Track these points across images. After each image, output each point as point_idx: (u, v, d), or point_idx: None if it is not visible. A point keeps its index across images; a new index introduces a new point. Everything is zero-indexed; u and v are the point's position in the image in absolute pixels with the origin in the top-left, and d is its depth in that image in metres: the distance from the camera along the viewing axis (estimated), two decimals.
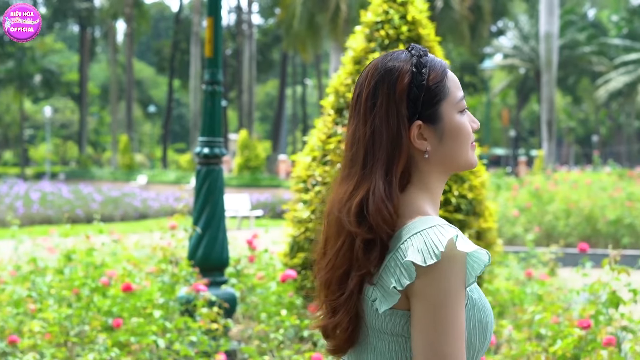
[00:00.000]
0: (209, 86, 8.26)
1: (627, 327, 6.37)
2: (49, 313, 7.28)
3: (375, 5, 8.64)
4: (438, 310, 2.08)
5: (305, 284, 8.15)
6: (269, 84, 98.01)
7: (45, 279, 9.01)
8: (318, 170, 8.21)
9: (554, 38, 32.94)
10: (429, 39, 8.55)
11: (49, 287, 8.52)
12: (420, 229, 2.14)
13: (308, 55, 48.35)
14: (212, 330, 7.09)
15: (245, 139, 46.35)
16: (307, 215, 8.13)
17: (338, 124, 8.35)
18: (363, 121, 2.28)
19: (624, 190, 20.29)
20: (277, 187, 39.86)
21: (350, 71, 8.49)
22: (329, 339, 2.33)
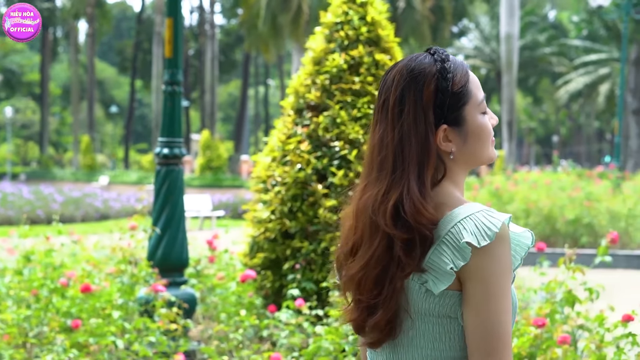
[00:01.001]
0: (168, 87, 8.25)
1: (583, 326, 6.43)
2: (7, 314, 7.25)
3: (334, 6, 8.67)
4: (491, 290, 2.20)
5: (264, 284, 8.16)
6: (231, 84, 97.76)
7: (4, 280, 8.96)
8: (278, 171, 8.23)
9: (515, 39, 33.13)
10: (389, 39, 8.59)
11: (7, 288, 8.48)
12: (468, 213, 2.25)
13: (270, 55, 48.30)
14: (171, 330, 7.08)
15: (208, 139, 46.23)
16: (267, 216, 8.14)
17: (298, 124, 8.37)
18: (391, 127, 2.35)
19: (583, 190, 20.45)
20: (239, 188, 39.79)
21: (310, 72, 8.51)
22: (363, 334, 2.39)
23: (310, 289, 7.78)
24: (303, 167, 8.07)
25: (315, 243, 7.91)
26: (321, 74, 8.41)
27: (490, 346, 2.20)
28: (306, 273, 7.88)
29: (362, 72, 8.33)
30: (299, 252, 7.98)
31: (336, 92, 8.28)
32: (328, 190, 7.99)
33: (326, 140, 8.15)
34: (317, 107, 8.35)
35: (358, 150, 8.01)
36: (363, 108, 8.16)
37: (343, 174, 7.95)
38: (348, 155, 8.00)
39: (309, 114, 8.35)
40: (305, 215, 8.00)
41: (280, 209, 8.08)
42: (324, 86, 8.36)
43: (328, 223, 7.88)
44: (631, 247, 18.39)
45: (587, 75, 62.61)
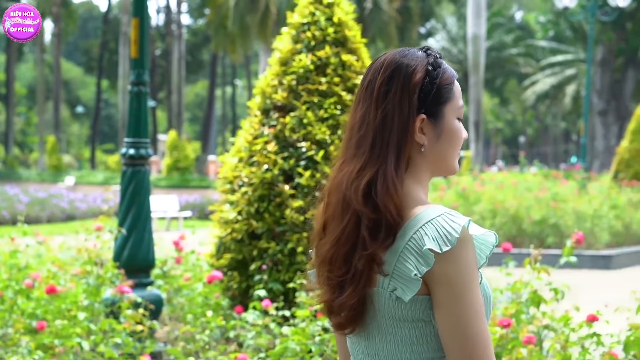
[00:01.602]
0: (134, 87, 8.22)
1: (548, 326, 6.47)
2: None
3: (301, 6, 8.68)
4: (459, 293, 2.21)
5: (231, 285, 8.15)
6: (198, 84, 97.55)
7: None
8: (244, 171, 8.22)
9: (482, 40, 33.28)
10: (355, 40, 8.60)
11: None
12: (430, 217, 2.24)
13: (238, 56, 48.25)
14: (138, 332, 7.06)
15: (175, 140, 46.11)
16: (234, 217, 8.13)
17: (264, 125, 8.36)
18: (375, 106, 2.36)
19: (549, 190, 20.57)
20: (206, 188, 39.71)
21: (277, 72, 8.51)
22: (332, 315, 2.39)
23: (277, 289, 7.78)
24: (270, 167, 8.06)
25: (282, 244, 7.91)
26: (288, 75, 8.41)
27: (469, 350, 2.21)
28: (273, 274, 7.88)
29: (329, 73, 8.33)
30: (266, 253, 7.97)
31: (303, 93, 8.28)
32: (295, 191, 7.99)
33: (293, 140, 8.15)
34: (283, 108, 8.35)
35: (325, 151, 8.02)
36: (330, 109, 8.17)
37: (310, 174, 7.95)
38: (315, 156, 8.00)
39: (275, 114, 8.34)
40: (272, 216, 8.00)
41: (247, 210, 8.07)
42: (290, 87, 8.35)
43: (295, 224, 7.88)
44: (596, 248, 18.51)
45: (553, 76, 62.96)
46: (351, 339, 2.46)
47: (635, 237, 19.93)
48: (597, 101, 48.55)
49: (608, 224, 18.97)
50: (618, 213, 19.68)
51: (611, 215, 19.33)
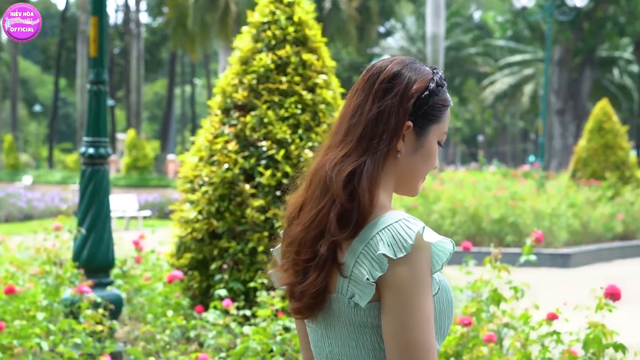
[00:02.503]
0: (93, 86, 8.18)
1: (508, 324, 6.50)
2: None
3: (262, 5, 8.67)
4: (407, 298, 2.21)
5: (192, 285, 8.12)
6: (157, 83, 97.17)
7: None
8: (205, 171, 8.20)
9: (440, 39, 33.37)
10: (316, 39, 8.61)
11: None
12: (387, 223, 2.26)
13: (197, 54, 48.13)
14: (97, 332, 7.02)
15: (133, 139, 45.88)
16: (194, 216, 8.11)
17: (225, 124, 8.35)
18: (373, 99, 2.39)
19: (508, 189, 20.68)
20: (165, 187, 39.52)
21: (238, 71, 8.50)
22: (293, 300, 2.40)
23: (238, 289, 7.77)
24: (230, 167, 8.05)
25: (243, 243, 7.90)
26: (248, 74, 8.40)
27: (408, 359, 2.21)
28: (233, 273, 7.87)
29: (290, 72, 8.33)
30: (227, 252, 7.95)
31: (263, 92, 8.27)
32: (255, 190, 7.98)
33: (253, 140, 8.14)
34: (244, 107, 8.34)
35: (285, 150, 8.01)
36: (290, 108, 8.16)
37: (270, 173, 7.94)
38: (275, 155, 7.99)
39: (236, 113, 8.33)
40: (232, 215, 7.98)
41: (208, 209, 8.05)
42: (251, 86, 8.34)
43: (255, 223, 7.87)
44: (555, 246, 18.63)
45: (511, 75, 63.32)
46: (313, 336, 2.46)
47: (593, 236, 20.08)
48: (555, 100, 48.88)
49: (566, 222, 19.10)
50: (576, 212, 19.82)
51: (569, 214, 19.47)
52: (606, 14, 51.23)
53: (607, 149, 23.32)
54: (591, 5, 47.84)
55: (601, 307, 5.38)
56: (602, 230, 20.21)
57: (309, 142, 8.12)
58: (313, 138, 8.14)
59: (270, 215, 7.88)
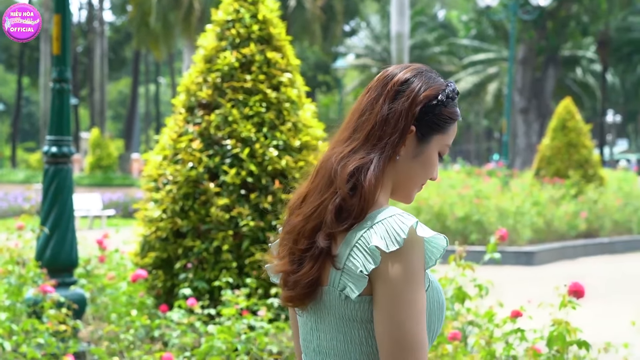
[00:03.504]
0: (56, 84, 8.12)
1: (472, 322, 6.52)
2: None
3: (226, 4, 8.65)
4: (399, 292, 2.24)
5: (156, 284, 8.09)
6: (121, 82, 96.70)
7: None
8: (169, 169, 8.17)
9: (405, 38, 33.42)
10: (280, 38, 8.60)
11: None
12: (381, 218, 2.31)
13: (161, 53, 47.95)
14: (61, 331, 6.97)
15: (97, 138, 45.65)
16: (158, 215, 8.08)
17: (189, 122, 8.32)
18: (384, 99, 2.44)
19: (472, 187, 20.76)
20: (130, 186, 39.36)
21: (202, 70, 8.48)
22: (286, 288, 2.43)
23: (203, 288, 7.75)
24: (195, 165, 8.02)
25: (207, 242, 7.87)
26: (212, 72, 8.37)
27: (399, 353, 2.24)
28: (198, 272, 7.84)
29: (254, 71, 8.32)
30: (191, 251, 7.93)
31: (228, 90, 8.25)
32: (220, 189, 7.96)
33: (218, 138, 8.12)
34: (208, 105, 8.31)
35: (250, 149, 8.00)
36: (255, 106, 8.15)
37: (235, 172, 7.93)
38: (240, 153, 7.98)
39: (200, 112, 8.30)
40: (197, 214, 7.96)
41: (172, 208, 8.02)
42: (215, 84, 8.32)
43: (220, 222, 7.85)
44: (519, 244, 18.72)
45: (476, 74, 63.55)
46: (303, 329, 2.49)
47: (556, 234, 20.20)
48: (519, 99, 49.12)
49: (530, 220, 19.20)
50: (540, 210, 19.92)
51: (533, 212, 19.57)
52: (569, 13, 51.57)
53: (571, 148, 23.46)
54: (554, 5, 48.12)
55: (565, 304, 5.40)
56: (565, 228, 20.33)
57: (273, 140, 8.11)
58: (278, 136, 8.13)
59: (235, 214, 7.86)
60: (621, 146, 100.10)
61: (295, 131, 8.30)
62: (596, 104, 67.64)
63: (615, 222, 21.72)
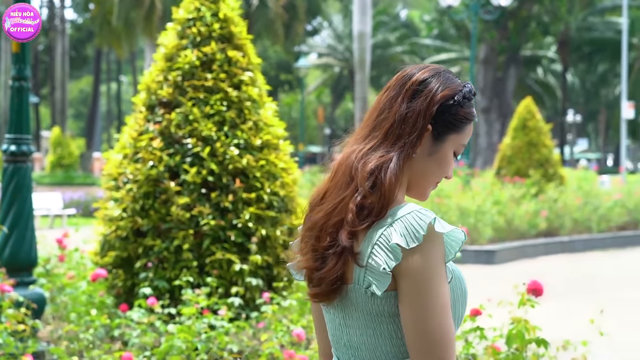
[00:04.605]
0: (15, 82, 8.07)
1: None
2: None
3: (187, 2, 8.63)
4: (422, 286, 2.30)
5: (116, 283, 8.06)
6: (83, 80, 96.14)
7: None
8: (129, 168, 8.13)
9: (367, 37, 33.48)
10: (241, 36, 8.59)
11: None
12: (400, 215, 2.35)
13: (123, 51, 47.80)
14: (19, 331, 6.92)
15: (58, 137, 45.36)
16: (118, 214, 8.04)
17: (150, 121, 8.30)
18: (403, 97, 2.49)
19: None
20: (91, 185, 39.14)
21: (162, 68, 8.45)
22: (311, 285, 2.48)
23: (163, 287, 7.72)
24: (155, 164, 7.99)
25: (168, 241, 7.85)
26: (173, 71, 8.35)
27: (427, 346, 2.30)
28: (158, 271, 7.82)
29: (215, 69, 8.30)
30: (151, 250, 7.90)
31: (188, 89, 8.23)
32: (180, 188, 7.94)
33: (178, 137, 8.10)
34: (169, 104, 8.29)
35: (211, 148, 7.98)
36: (216, 105, 8.13)
37: (196, 171, 7.91)
38: (201, 152, 7.96)
39: (161, 110, 8.27)
40: (157, 213, 7.94)
41: (132, 207, 7.99)
42: (176, 83, 8.30)
43: (181, 221, 7.83)
44: (480, 243, 18.80)
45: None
46: (331, 325, 2.54)
47: (517, 233, 20.30)
48: (480, 99, 49.34)
49: (491, 219, 19.29)
50: (500, 209, 20.02)
51: (494, 211, 19.66)
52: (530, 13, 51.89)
53: (531, 147, 23.60)
54: (515, 5, 48.38)
55: (524, 302, 5.43)
56: (526, 227, 20.44)
57: (234, 139, 8.10)
58: (239, 135, 8.12)
59: (196, 213, 7.84)
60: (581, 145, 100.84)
61: (256, 130, 8.29)
62: (557, 104, 68.08)
63: (575, 221, 21.86)
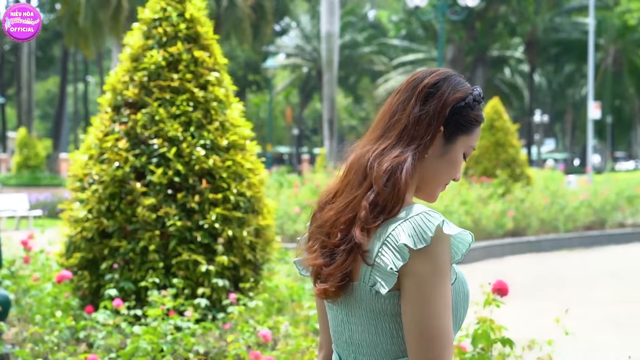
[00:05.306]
0: None
1: None
2: None
3: (153, 2, 8.60)
4: (426, 288, 2.34)
5: (81, 285, 8.01)
6: (49, 81, 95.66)
7: None
8: (95, 169, 8.09)
9: (335, 38, 33.52)
10: (208, 36, 8.56)
11: None
12: (408, 216, 2.40)
13: (90, 52, 47.52)
14: None
15: (25, 137, 45.07)
16: (84, 215, 8.00)
17: (115, 121, 8.26)
18: (416, 100, 2.55)
19: None
20: (58, 187, 38.93)
21: (128, 68, 8.41)
22: (319, 281, 2.53)
23: (129, 288, 7.69)
24: (121, 165, 7.95)
25: (134, 242, 7.82)
26: (139, 71, 8.31)
27: (426, 345, 2.34)
28: (124, 273, 7.78)
29: (181, 69, 8.27)
30: (117, 252, 7.86)
31: (154, 89, 8.19)
32: (147, 189, 7.90)
33: (144, 137, 8.06)
34: (135, 105, 8.25)
35: (177, 148, 7.95)
36: (182, 105, 8.10)
37: (162, 172, 7.88)
38: (167, 153, 7.93)
39: (126, 111, 8.24)
40: (123, 214, 7.90)
41: (98, 208, 7.95)
42: (142, 83, 8.26)
43: (146, 222, 7.80)
44: None
45: (405, 74, 63.87)
46: (334, 322, 2.58)
47: (484, 233, 20.37)
48: None
49: (458, 219, 19.34)
50: (468, 209, 20.08)
51: (461, 211, 19.72)
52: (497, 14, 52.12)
53: (498, 147, 23.69)
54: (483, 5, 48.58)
55: (489, 302, 5.45)
56: (493, 227, 20.51)
57: (200, 139, 8.07)
58: (205, 136, 8.09)
59: (162, 214, 7.81)
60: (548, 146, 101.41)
61: (223, 130, 8.27)
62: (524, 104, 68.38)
63: (542, 221, 21.97)
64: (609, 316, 11.82)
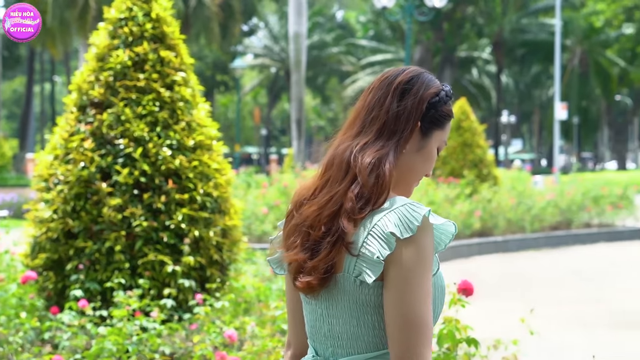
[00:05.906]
0: None
1: None
2: None
3: (119, 1, 8.56)
4: (410, 276, 2.40)
5: (46, 286, 7.96)
6: (16, 80, 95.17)
7: None
8: (60, 169, 8.05)
9: (303, 38, 33.51)
10: (174, 36, 8.54)
11: None
12: (393, 207, 2.46)
13: (57, 51, 47.31)
14: None
15: None
16: (49, 215, 7.95)
17: (81, 121, 8.21)
18: (392, 96, 2.61)
19: None
20: (24, 187, 38.68)
21: (94, 68, 8.37)
22: (302, 274, 2.55)
23: (95, 289, 7.65)
24: (87, 165, 7.92)
25: (100, 242, 7.78)
26: (105, 71, 8.27)
27: (406, 333, 2.38)
28: (90, 273, 7.74)
29: (147, 69, 8.24)
30: (83, 252, 7.82)
31: (120, 89, 8.16)
32: (112, 189, 7.87)
33: (110, 138, 8.02)
34: (100, 104, 8.21)
35: (143, 148, 7.93)
36: (148, 105, 8.07)
37: (128, 172, 7.84)
38: (133, 153, 7.90)
39: (92, 111, 8.19)
40: (89, 214, 7.86)
41: (63, 208, 7.90)
42: (107, 83, 8.22)
43: (112, 222, 7.76)
44: None
45: (373, 74, 64.02)
46: (311, 316, 2.61)
47: None
48: None
49: None
50: (435, 209, 20.11)
51: None
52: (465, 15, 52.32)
53: (466, 147, 23.78)
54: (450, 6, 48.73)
55: (455, 302, 5.47)
56: (460, 227, 20.57)
57: (167, 139, 8.05)
58: (171, 136, 8.07)
59: (128, 214, 7.78)
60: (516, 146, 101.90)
61: (189, 131, 8.25)
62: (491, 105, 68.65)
63: (509, 221, 22.07)
64: (574, 316, 11.89)
